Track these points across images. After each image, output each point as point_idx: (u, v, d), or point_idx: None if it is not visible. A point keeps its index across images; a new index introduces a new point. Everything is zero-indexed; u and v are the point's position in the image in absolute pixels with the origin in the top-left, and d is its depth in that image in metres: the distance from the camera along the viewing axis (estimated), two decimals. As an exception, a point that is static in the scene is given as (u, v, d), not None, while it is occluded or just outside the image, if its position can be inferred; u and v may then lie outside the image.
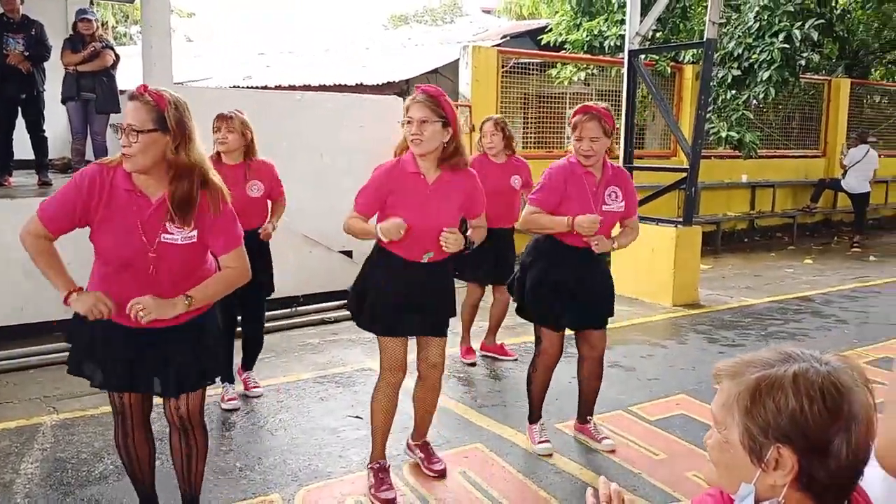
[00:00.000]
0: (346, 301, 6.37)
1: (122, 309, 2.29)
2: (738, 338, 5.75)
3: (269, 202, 4.14)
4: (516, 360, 5.00)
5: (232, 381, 4.18)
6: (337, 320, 6.02)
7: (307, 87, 10.37)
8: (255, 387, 4.30)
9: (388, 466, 3.22)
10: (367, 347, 5.33)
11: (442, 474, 3.28)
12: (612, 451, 3.59)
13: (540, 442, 3.60)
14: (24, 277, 5.32)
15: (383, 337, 3.07)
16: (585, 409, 3.74)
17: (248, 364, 4.35)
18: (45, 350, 4.92)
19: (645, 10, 7.34)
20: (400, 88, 10.18)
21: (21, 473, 3.29)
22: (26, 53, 6.52)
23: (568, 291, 3.42)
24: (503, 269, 4.72)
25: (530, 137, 9.41)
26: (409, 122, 2.87)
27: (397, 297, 3.00)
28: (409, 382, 3.25)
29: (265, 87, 10.86)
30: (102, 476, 3.27)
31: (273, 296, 4.37)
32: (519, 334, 5.46)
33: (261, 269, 3.83)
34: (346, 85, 10.55)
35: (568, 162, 3.39)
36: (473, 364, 4.95)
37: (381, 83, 10.53)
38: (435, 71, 11.03)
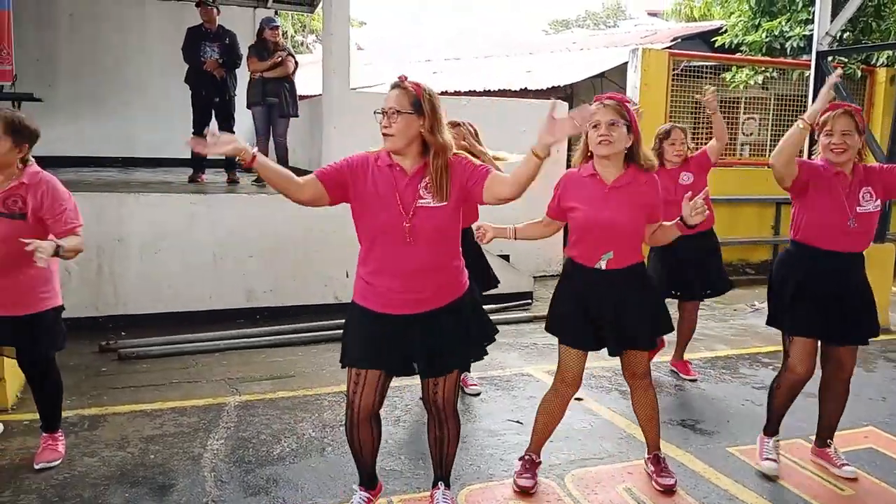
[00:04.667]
0: (504, 305, 6.51)
1: (380, 284, 2.56)
2: (937, 369, 5.17)
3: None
4: (695, 380, 4.78)
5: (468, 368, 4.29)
6: (495, 323, 6.05)
7: (472, 93, 10.54)
8: (473, 384, 4.42)
9: (539, 462, 3.29)
10: (525, 352, 5.32)
11: (668, 490, 3.21)
12: (854, 480, 3.35)
13: (766, 459, 3.43)
14: (213, 268, 5.81)
15: (563, 346, 3.12)
16: (826, 432, 3.52)
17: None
18: (230, 335, 5.33)
19: (835, 10, 6.80)
20: (564, 93, 10.09)
21: (208, 448, 3.56)
22: (220, 60, 7.11)
23: (828, 301, 3.21)
24: (712, 278, 4.58)
25: (701, 144, 8.98)
26: (595, 127, 2.92)
27: (581, 309, 3.04)
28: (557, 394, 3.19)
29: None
30: (280, 457, 3.47)
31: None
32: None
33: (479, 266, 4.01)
34: (510, 90, 10.60)
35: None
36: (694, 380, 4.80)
37: (545, 88, 10.48)
38: (601, 75, 10.83)
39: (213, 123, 7.28)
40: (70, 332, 5.24)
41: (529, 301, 6.62)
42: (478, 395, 4.36)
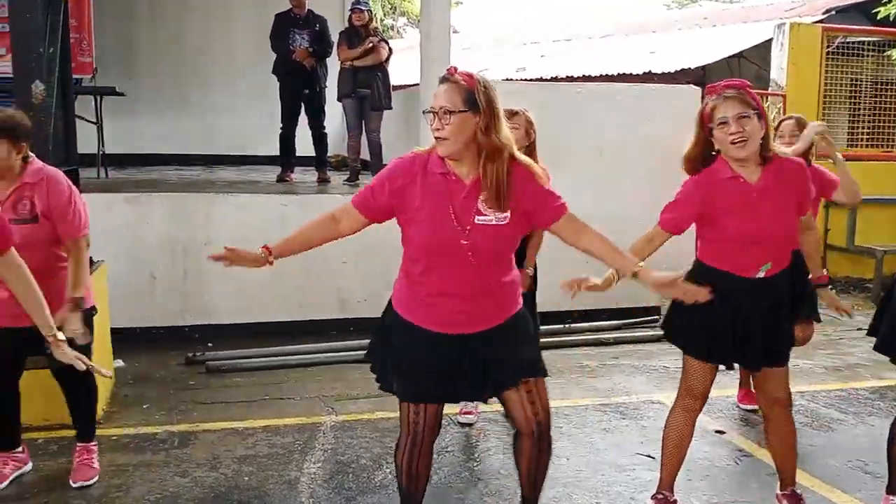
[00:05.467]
0: (627, 321, 6.42)
1: (443, 306, 2.55)
2: None
3: None
4: (755, 410, 4.51)
5: None
6: (617, 342, 5.98)
7: (586, 78, 10.47)
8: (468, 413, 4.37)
9: (674, 501, 3.22)
10: (654, 376, 5.22)
11: None
12: None
13: None
14: (304, 275, 6.00)
15: (690, 357, 3.08)
16: None
17: None
18: (323, 349, 5.49)
19: None
20: (696, 76, 9.85)
21: (304, 472, 3.68)
22: (311, 49, 7.33)
23: None
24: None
25: (861, 134, 8.61)
26: (723, 124, 2.80)
27: (723, 321, 2.94)
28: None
29: (540, 79, 11.15)
30: (382, 485, 3.55)
31: (543, 309, 4.41)
32: (847, 379, 5.02)
33: None
34: (632, 74, 10.45)
35: None
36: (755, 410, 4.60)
37: (673, 71, 10.27)
38: (739, 55, 10.52)
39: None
40: (155, 343, 5.66)
41: (657, 317, 6.50)
42: (470, 425, 4.29)
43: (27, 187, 3.26)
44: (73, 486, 3.46)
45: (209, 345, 5.64)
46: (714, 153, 2.92)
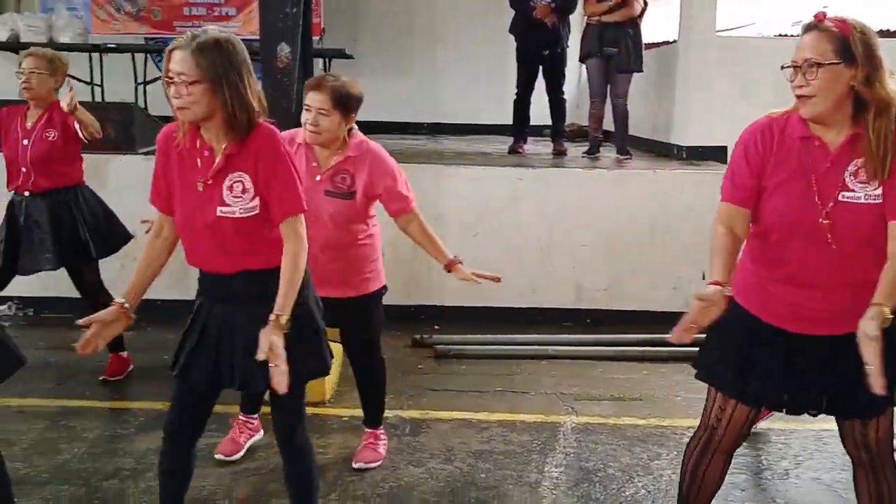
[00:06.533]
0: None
1: (791, 298, 2.44)
2: None
3: None
4: None
5: None
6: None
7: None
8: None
9: None
10: None
11: None
12: None
13: None
14: (539, 258, 6.06)
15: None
16: None
17: None
18: (559, 341, 5.55)
19: None
20: None
21: (546, 475, 3.74)
22: (553, 4, 7.31)
23: None
24: None
25: None
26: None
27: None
28: None
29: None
30: (634, 499, 3.53)
31: None
32: None
33: None
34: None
35: None
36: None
37: None
38: None
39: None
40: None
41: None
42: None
43: (349, 161, 3.46)
44: (354, 466, 3.74)
45: (436, 327, 5.86)
46: None
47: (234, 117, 2.43)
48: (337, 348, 3.70)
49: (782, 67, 2.38)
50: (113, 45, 8.54)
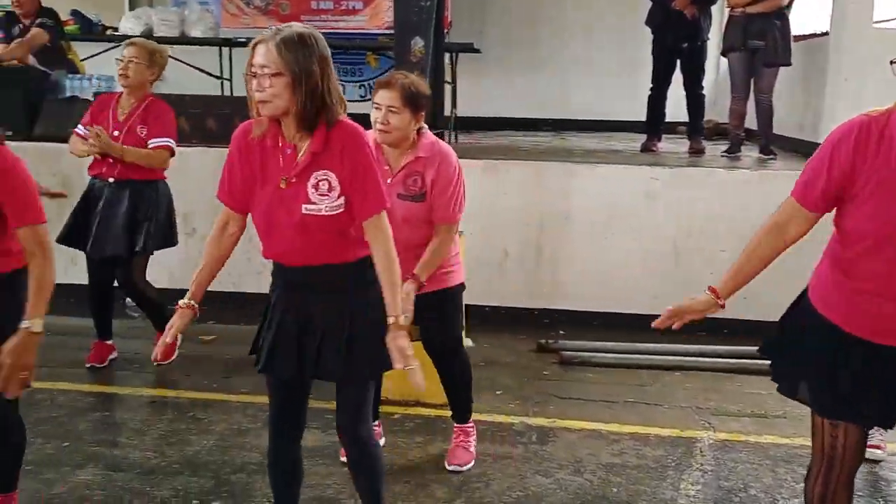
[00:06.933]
0: None
1: (878, 308, 2.36)
2: None
3: None
4: None
5: None
6: None
7: None
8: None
9: None
10: None
11: None
12: None
13: None
14: (674, 262, 5.95)
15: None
16: None
17: None
18: (693, 351, 5.41)
19: None
20: None
21: (681, 493, 3.66)
22: (695, -5, 7.15)
23: None
24: None
25: None
26: None
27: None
28: None
29: None
30: (774, 523, 3.42)
31: None
32: None
33: None
34: None
35: None
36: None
37: None
38: None
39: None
40: (502, 324, 5.95)
41: None
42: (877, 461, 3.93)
43: (420, 162, 3.48)
44: (448, 468, 3.77)
45: (561, 332, 5.81)
46: None
47: (313, 113, 2.48)
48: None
49: (891, 64, 2.26)
50: (242, 40, 8.79)
